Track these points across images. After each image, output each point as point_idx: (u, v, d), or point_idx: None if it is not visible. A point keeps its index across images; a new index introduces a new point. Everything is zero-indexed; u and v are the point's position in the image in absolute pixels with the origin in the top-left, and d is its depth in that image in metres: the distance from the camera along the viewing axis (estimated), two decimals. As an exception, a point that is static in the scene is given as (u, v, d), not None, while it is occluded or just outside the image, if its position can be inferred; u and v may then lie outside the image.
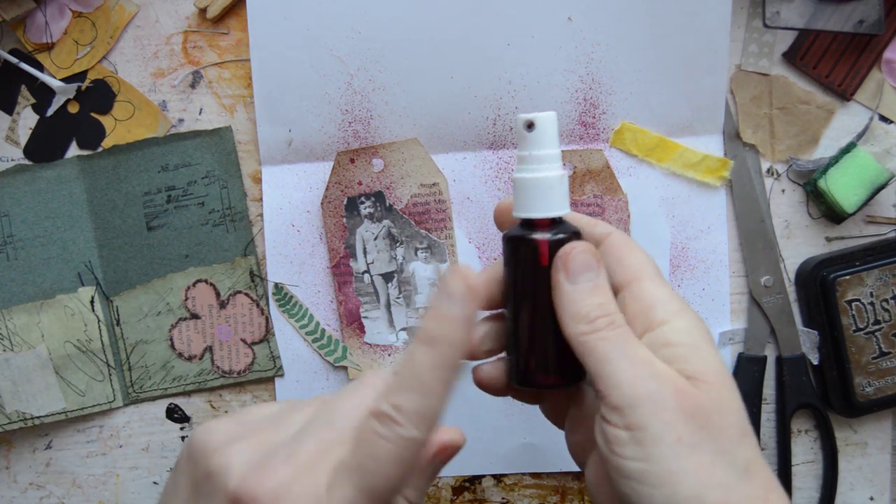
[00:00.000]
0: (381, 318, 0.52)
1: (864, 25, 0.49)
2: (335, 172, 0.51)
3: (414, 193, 0.51)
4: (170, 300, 0.52)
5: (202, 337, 0.52)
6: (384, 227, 0.51)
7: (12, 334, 0.51)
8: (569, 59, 0.50)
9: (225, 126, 0.51)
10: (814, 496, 0.53)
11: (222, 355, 0.52)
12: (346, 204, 0.51)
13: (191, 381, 0.52)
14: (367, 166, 0.51)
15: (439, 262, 0.51)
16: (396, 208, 0.51)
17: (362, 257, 0.51)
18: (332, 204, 0.51)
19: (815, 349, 0.51)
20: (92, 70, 0.51)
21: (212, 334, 0.52)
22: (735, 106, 0.51)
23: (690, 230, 0.51)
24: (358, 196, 0.51)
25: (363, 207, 0.51)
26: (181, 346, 0.52)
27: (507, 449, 0.53)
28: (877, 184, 0.49)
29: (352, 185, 0.51)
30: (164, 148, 0.51)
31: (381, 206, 0.51)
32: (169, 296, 0.52)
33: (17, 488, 0.53)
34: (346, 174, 0.51)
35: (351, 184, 0.51)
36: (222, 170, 0.51)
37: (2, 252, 0.51)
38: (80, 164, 0.51)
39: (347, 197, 0.51)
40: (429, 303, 0.35)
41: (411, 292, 0.51)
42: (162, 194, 0.51)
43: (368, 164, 0.51)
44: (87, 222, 0.52)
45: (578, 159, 0.51)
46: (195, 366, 0.52)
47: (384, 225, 0.51)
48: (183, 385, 0.52)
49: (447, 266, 0.51)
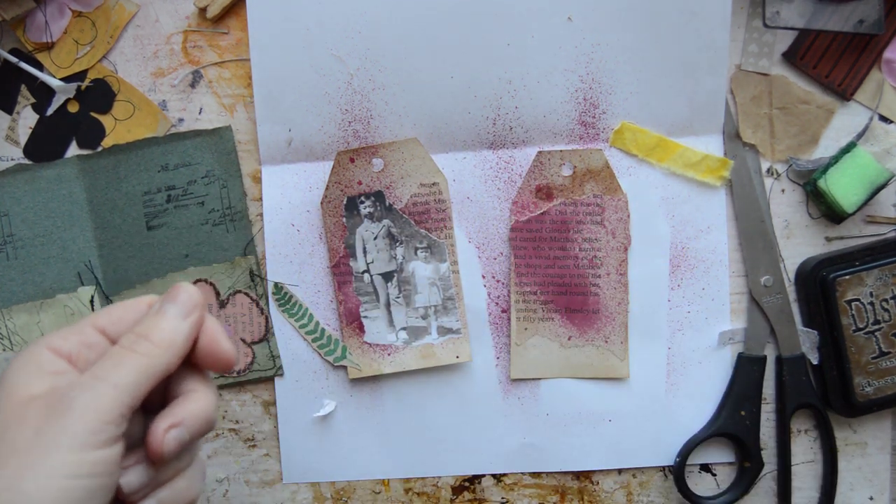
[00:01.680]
0: (380, 317, 0.52)
1: (864, 25, 0.49)
2: (335, 172, 0.51)
3: (414, 193, 0.51)
4: (170, 300, 0.52)
5: (202, 336, 0.52)
6: (384, 227, 0.51)
7: (12, 334, 0.51)
8: (569, 59, 0.50)
9: (225, 126, 0.51)
10: (814, 496, 0.53)
11: (222, 355, 0.52)
12: (346, 203, 0.51)
13: (190, 380, 0.52)
14: (367, 166, 0.51)
15: (439, 262, 0.51)
16: (396, 208, 0.51)
17: (362, 257, 0.51)
18: (331, 203, 0.51)
19: (815, 349, 0.51)
20: (92, 69, 0.51)
21: (211, 334, 0.52)
22: (735, 106, 0.51)
23: (690, 230, 0.51)
24: (358, 196, 0.51)
25: (363, 207, 0.51)
26: (181, 346, 0.52)
27: (507, 449, 0.53)
28: (877, 184, 0.49)
29: (352, 185, 0.51)
30: (164, 147, 0.51)
31: (381, 206, 0.51)
32: (169, 295, 0.52)
33: (16, 488, 0.53)
34: (346, 174, 0.51)
35: (351, 183, 0.51)
36: (222, 169, 0.51)
37: (2, 251, 0.51)
38: (79, 163, 0.51)
39: (347, 196, 0.51)
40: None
41: (411, 292, 0.51)
42: (162, 194, 0.51)
43: (368, 164, 0.51)
44: (87, 222, 0.52)
45: (578, 159, 0.51)
46: (195, 365, 0.52)
47: (384, 224, 0.51)
48: None
49: (445, 266, 0.51)
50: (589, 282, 0.51)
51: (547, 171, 0.51)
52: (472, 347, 0.52)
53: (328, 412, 0.52)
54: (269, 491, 0.53)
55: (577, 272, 0.51)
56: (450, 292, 0.51)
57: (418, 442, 0.52)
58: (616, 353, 0.52)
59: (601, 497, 0.53)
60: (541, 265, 0.51)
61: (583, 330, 0.51)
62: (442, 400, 0.52)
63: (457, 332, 0.51)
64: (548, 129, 0.51)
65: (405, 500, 0.54)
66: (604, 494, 0.53)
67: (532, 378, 0.52)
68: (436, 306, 0.51)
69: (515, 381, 0.52)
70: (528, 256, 0.51)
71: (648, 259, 0.51)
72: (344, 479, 0.53)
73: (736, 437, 0.52)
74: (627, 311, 0.51)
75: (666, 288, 0.52)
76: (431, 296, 0.51)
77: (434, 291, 0.51)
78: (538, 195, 0.51)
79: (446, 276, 0.51)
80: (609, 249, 0.51)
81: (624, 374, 0.52)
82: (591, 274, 0.51)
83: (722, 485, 0.53)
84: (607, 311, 0.51)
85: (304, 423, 0.53)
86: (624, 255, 0.51)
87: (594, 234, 0.51)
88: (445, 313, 0.51)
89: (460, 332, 0.51)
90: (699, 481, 0.53)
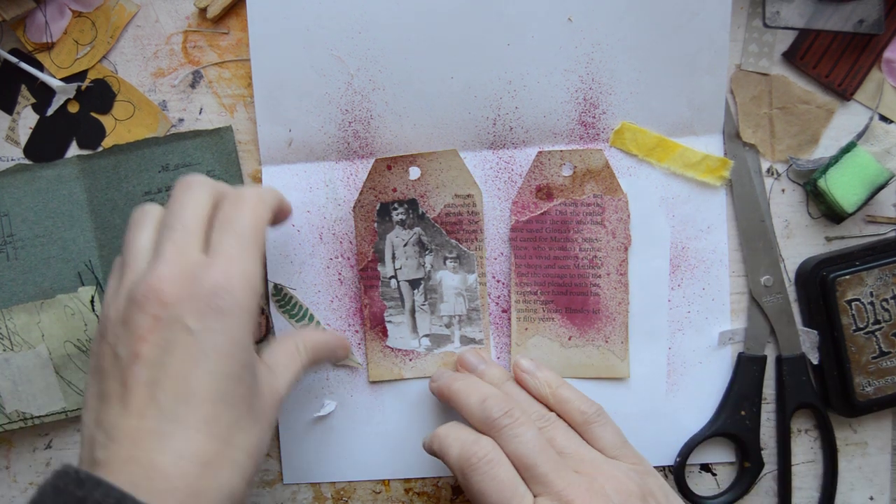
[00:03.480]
0: (404, 323, 0.52)
1: (864, 25, 0.49)
2: (370, 178, 0.51)
3: (448, 203, 0.51)
4: (170, 300, 0.52)
5: (202, 337, 0.52)
6: (415, 235, 0.51)
7: (12, 334, 0.51)
8: (569, 59, 0.50)
9: (225, 126, 0.51)
10: (814, 496, 0.53)
11: (222, 355, 0.52)
12: (379, 209, 0.51)
13: (191, 380, 0.52)
14: (404, 174, 0.51)
15: (467, 273, 0.51)
16: (429, 217, 0.51)
17: (390, 262, 0.51)
18: (364, 208, 0.51)
19: (815, 349, 0.51)
20: (92, 70, 0.51)
21: (212, 334, 0.52)
22: (735, 106, 0.51)
23: (690, 230, 0.51)
24: (391, 202, 0.51)
25: (396, 214, 0.51)
26: (181, 346, 0.52)
27: (507, 449, 0.53)
28: (877, 183, 0.49)
29: (386, 192, 0.51)
30: (165, 148, 0.51)
31: (414, 214, 0.51)
32: (169, 296, 0.52)
33: (17, 488, 0.53)
34: (382, 180, 0.51)
35: (385, 190, 0.51)
36: (223, 170, 0.51)
37: (2, 252, 0.51)
38: (80, 163, 0.51)
39: (381, 202, 0.51)
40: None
41: (437, 300, 0.51)
42: (163, 194, 0.51)
43: (405, 172, 0.51)
44: (88, 222, 0.52)
45: (578, 159, 0.51)
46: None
47: (415, 232, 0.51)
48: None
49: (473, 277, 0.51)
50: (589, 282, 0.51)
51: (547, 171, 0.51)
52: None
53: (328, 412, 0.52)
54: (269, 491, 0.53)
55: (577, 272, 0.51)
56: (475, 303, 0.51)
57: (419, 442, 0.52)
58: (616, 353, 0.52)
59: (601, 497, 0.53)
60: (541, 265, 0.51)
61: (583, 330, 0.51)
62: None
63: (479, 342, 0.51)
64: (548, 129, 0.51)
65: (406, 500, 0.54)
66: (604, 494, 0.53)
67: (532, 378, 0.52)
68: (460, 316, 0.51)
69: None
70: (528, 256, 0.51)
71: (648, 259, 0.51)
72: (344, 480, 0.53)
73: (736, 437, 0.52)
74: (627, 311, 0.51)
75: (666, 288, 0.52)
76: (457, 305, 0.51)
77: (460, 301, 0.51)
78: (538, 195, 0.51)
79: (473, 287, 0.51)
80: (609, 249, 0.51)
81: (624, 374, 0.52)
82: (591, 274, 0.51)
83: (722, 485, 0.53)
84: (607, 311, 0.51)
85: (304, 423, 0.53)
86: (624, 255, 0.51)
87: (594, 234, 0.51)
88: (469, 323, 0.51)
89: (483, 342, 0.51)
90: (699, 481, 0.53)
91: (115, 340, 0.38)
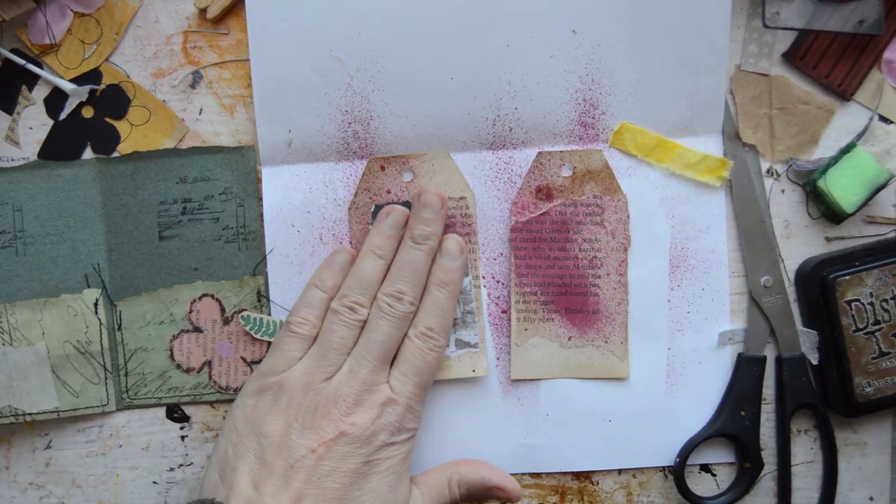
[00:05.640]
0: None
1: (864, 25, 0.49)
2: (365, 179, 0.51)
3: None
4: (174, 311, 0.52)
5: (202, 351, 0.52)
6: None
7: (13, 329, 0.51)
8: (568, 60, 0.50)
9: (248, 145, 0.51)
10: (814, 496, 0.53)
11: (220, 371, 0.52)
12: (374, 211, 0.51)
13: (186, 392, 0.52)
14: (398, 175, 0.51)
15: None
16: None
17: None
18: (359, 210, 0.51)
19: (815, 349, 0.51)
20: (107, 75, 0.51)
21: (212, 349, 0.52)
22: (735, 106, 0.51)
23: (690, 230, 0.52)
24: (385, 204, 0.51)
25: None
26: (180, 358, 0.52)
27: (507, 449, 0.53)
28: (876, 184, 0.49)
29: (380, 193, 0.51)
30: (185, 160, 0.51)
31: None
32: (174, 306, 0.52)
33: (17, 488, 0.53)
34: (376, 181, 0.51)
35: (380, 191, 0.51)
36: (240, 188, 0.51)
37: (11, 246, 0.51)
38: (98, 165, 0.51)
39: (375, 204, 0.51)
40: (440, 256, 0.49)
41: None
42: (178, 205, 0.51)
43: (398, 174, 0.51)
44: (100, 225, 0.52)
45: (578, 159, 0.51)
46: (192, 378, 0.52)
47: None
48: (178, 396, 0.52)
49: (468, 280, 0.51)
50: (589, 282, 0.51)
51: (547, 172, 0.51)
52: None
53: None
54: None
55: (577, 272, 0.51)
56: (470, 306, 0.51)
57: (418, 442, 0.52)
58: (616, 353, 0.52)
59: (601, 497, 0.53)
60: (541, 266, 0.51)
61: (583, 330, 0.52)
62: (441, 400, 0.52)
63: (474, 346, 0.51)
64: (548, 129, 0.51)
65: (405, 500, 0.54)
66: (604, 495, 0.53)
67: (532, 378, 0.52)
68: (455, 319, 0.51)
69: (515, 382, 0.52)
70: (528, 257, 0.51)
71: (648, 259, 0.51)
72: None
73: (736, 438, 0.52)
74: (627, 312, 0.51)
75: (666, 288, 0.52)
76: None
77: None
78: (538, 196, 0.51)
79: (468, 290, 0.51)
80: (609, 250, 0.51)
81: (624, 375, 0.52)
82: (591, 274, 0.51)
83: (722, 485, 0.53)
84: (607, 312, 0.51)
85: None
86: (624, 255, 0.51)
87: (594, 234, 0.51)
88: (464, 327, 0.51)
89: (478, 346, 0.51)
90: (699, 481, 0.53)
91: None
